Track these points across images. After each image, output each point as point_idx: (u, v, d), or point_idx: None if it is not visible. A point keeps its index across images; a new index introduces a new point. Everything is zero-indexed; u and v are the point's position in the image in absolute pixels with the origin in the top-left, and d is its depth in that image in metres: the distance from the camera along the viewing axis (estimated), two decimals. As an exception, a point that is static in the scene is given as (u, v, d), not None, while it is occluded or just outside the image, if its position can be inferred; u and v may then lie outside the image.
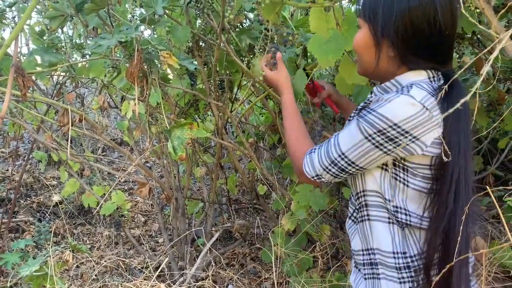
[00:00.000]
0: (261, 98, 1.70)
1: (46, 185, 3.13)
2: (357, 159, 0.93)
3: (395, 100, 0.85)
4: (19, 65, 0.89)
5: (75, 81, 2.07)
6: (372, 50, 0.95)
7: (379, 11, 0.91)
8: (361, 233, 1.03)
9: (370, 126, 0.88)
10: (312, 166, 1.01)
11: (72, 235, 2.73)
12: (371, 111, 0.88)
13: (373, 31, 0.93)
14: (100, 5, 1.14)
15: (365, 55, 0.97)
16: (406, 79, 0.93)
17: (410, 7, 0.88)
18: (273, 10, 1.24)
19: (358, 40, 0.97)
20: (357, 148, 0.92)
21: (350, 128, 0.93)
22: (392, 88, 0.95)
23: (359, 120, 0.90)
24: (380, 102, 0.88)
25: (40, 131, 2.31)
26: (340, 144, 0.95)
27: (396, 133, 0.86)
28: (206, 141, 2.72)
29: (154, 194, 2.16)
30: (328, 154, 0.98)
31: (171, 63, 1.10)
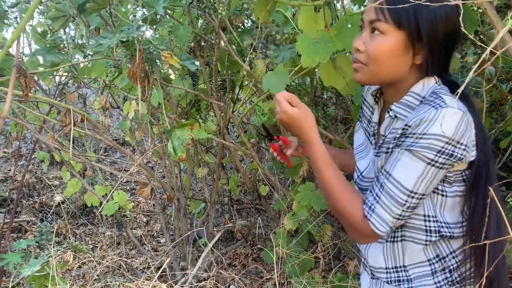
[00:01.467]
0: (263, 98, 1.70)
1: (48, 185, 3.14)
2: (425, 190, 0.87)
3: (441, 116, 0.82)
4: (21, 65, 0.89)
5: (77, 81, 2.08)
6: (399, 58, 0.90)
7: (422, 15, 0.86)
8: (388, 252, 1.00)
9: (428, 150, 0.83)
10: (384, 223, 0.89)
11: (74, 235, 2.73)
12: (422, 136, 0.84)
13: (412, 37, 0.87)
14: (101, 4, 1.15)
15: (388, 63, 0.90)
16: (421, 88, 0.92)
17: (447, 12, 0.86)
18: (264, 8, 1.23)
19: (384, 48, 0.89)
20: (424, 179, 0.86)
21: (402, 162, 0.86)
22: (414, 101, 0.92)
23: (411, 150, 0.85)
24: (424, 124, 0.83)
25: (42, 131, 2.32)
26: (403, 183, 0.87)
27: (452, 148, 0.84)
28: (208, 141, 2.72)
29: (156, 195, 2.16)
30: (395, 201, 0.87)
31: (173, 63, 1.10)
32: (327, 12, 1.16)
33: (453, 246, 0.95)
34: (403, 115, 0.93)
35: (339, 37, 1.18)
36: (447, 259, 0.94)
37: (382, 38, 0.89)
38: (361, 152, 1.11)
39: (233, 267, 2.51)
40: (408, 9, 0.86)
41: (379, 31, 0.89)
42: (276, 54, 1.39)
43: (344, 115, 1.99)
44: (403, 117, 0.93)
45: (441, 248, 0.95)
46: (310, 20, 1.16)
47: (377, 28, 0.89)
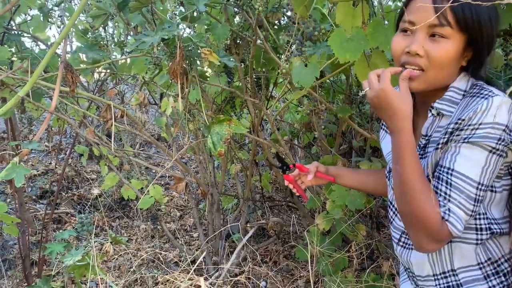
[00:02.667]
0: (297, 96, 1.69)
1: (86, 178, 3.24)
2: (490, 180, 0.84)
3: (494, 105, 0.81)
4: (68, 62, 0.93)
5: (116, 78, 2.13)
6: (457, 62, 0.88)
7: (484, 17, 0.85)
8: (434, 257, 0.96)
9: (488, 139, 0.81)
10: (461, 221, 0.84)
11: (111, 227, 2.81)
12: (479, 126, 0.82)
13: (472, 40, 0.86)
14: (143, 3, 1.17)
15: (449, 68, 0.88)
16: (461, 83, 0.91)
17: (492, 17, 0.86)
18: (302, 2, 1.22)
19: (450, 53, 0.86)
20: (488, 168, 0.83)
21: (462, 155, 0.83)
22: (457, 96, 0.90)
23: (470, 142, 0.83)
24: (479, 114, 0.82)
25: (82, 126, 2.40)
26: (470, 175, 0.83)
27: (509, 136, 0.82)
28: (241, 138, 2.73)
29: (190, 189, 2.20)
30: (467, 196, 0.83)
31: (212, 60, 1.12)
32: (366, 7, 1.14)
33: (504, 247, 0.91)
34: (448, 111, 0.90)
35: (374, 35, 1.17)
36: (499, 262, 0.91)
37: (447, 43, 0.86)
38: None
39: (265, 263, 2.53)
40: (472, 12, 0.84)
41: (443, 36, 0.86)
42: (313, 51, 1.38)
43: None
44: (448, 113, 0.90)
45: (492, 250, 0.92)
46: (348, 15, 1.15)
47: (440, 33, 0.86)
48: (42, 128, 0.87)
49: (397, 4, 1.70)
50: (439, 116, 0.93)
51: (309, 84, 1.27)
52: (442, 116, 0.93)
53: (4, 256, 2.37)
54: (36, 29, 2.09)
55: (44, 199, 2.94)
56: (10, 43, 1.79)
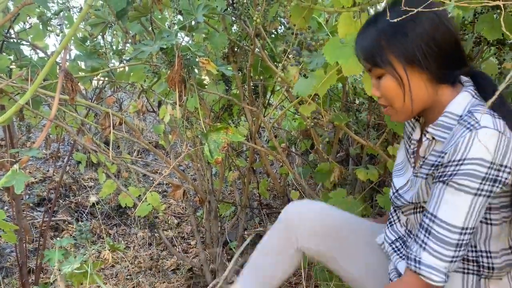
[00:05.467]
0: (295, 103, 1.71)
1: (84, 186, 3.24)
2: (476, 222, 0.82)
3: (477, 139, 0.79)
4: (68, 70, 0.94)
5: (115, 85, 2.15)
6: (412, 86, 0.89)
7: (396, 45, 0.87)
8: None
9: (472, 178, 0.79)
10: (437, 271, 0.83)
11: (108, 235, 2.81)
12: (462, 162, 0.79)
13: (398, 68, 0.88)
14: (143, 12, 1.19)
15: (400, 98, 0.90)
16: (458, 106, 0.89)
17: (423, 27, 0.86)
18: (300, 14, 1.25)
19: (391, 87, 0.90)
20: (473, 212, 0.81)
21: (446, 200, 0.82)
22: (451, 122, 0.88)
23: (453, 183, 0.80)
24: (462, 149, 0.80)
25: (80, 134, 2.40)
26: (452, 223, 0.81)
27: (496, 172, 0.79)
28: (239, 145, 2.74)
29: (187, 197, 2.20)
30: (446, 243, 0.82)
31: (210, 69, 1.13)
32: (364, 18, 1.16)
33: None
34: (441, 137, 0.90)
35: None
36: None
37: (384, 80, 0.90)
38: (400, 170, 1.09)
39: (262, 271, 2.52)
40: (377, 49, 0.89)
41: (379, 75, 0.92)
42: (309, 60, 1.40)
43: (376, 121, 1.97)
44: (441, 139, 0.90)
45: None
46: (351, 27, 1.17)
47: (376, 75, 0.92)
48: (42, 135, 0.88)
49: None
50: (434, 140, 0.93)
51: (307, 94, 1.30)
52: (437, 141, 0.92)
53: (1, 263, 2.37)
54: (35, 37, 2.10)
55: (42, 206, 2.94)
56: (9, 51, 1.80)
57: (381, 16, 0.90)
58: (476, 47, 1.51)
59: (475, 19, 1.45)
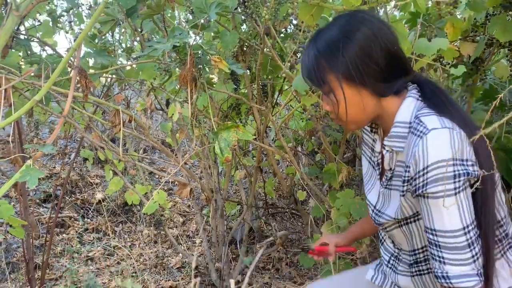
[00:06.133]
0: (307, 102, 1.71)
1: (90, 183, 3.25)
2: (471, 215, 0.82)
3: (430, 143, 0.80)
4: (82, 67, 0.94)
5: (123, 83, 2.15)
6: (355, 101, 0.91)
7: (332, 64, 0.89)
8: (418, 285, 1.00)
9: (443, 181, 0.79)
10: (468, 277, 0.82)
11: (114, 232, 2.82)
12: (426, 171, 0.80)
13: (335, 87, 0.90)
14: (155, 10, 1.19)
15: (353, 110, 0.92)
16: (405, 114, 0.90)
17: (357, 45, 0.87)
18: (308, 12, 1.24)
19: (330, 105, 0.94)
20: (463, 208, 0.81)
21: (434, 211, 0.82)
22: (403, 130, 0.90)
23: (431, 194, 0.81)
24: (420, 158, 0.80)
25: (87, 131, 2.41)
26: (451, 228, 0.81)
27: (462, 167, 0.79)
28: (246, 144, 2.74)
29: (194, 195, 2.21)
30: (459, 249, 0.81)
31: (222, 67, 1.13)
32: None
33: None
34: (398, 147, 0.91)
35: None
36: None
37: (332, 95, 0.92)
38: (368, 182, 1.09)
39: (267, 270, 2.53)
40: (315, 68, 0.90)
41: (325, 93, 0.93)
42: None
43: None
44: (400, 149, 0.91)
45: None
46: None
47: (322, 92, 0.95)
48: (55, 132, 0.88)
49: (402, 14, 1.72)
50: (394, 151, 0.94)
51: (303, 90, 1.30)
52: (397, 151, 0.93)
53: (8, 259, 2.38)
54: (45, 34, 2.11)
55: (48, 202, 2.95)
56: (19, 48, 1.81)
57: (320, 34, 0.91)
58: (488, 48, 1.50)
59: (487, 21, 1.45)
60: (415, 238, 0.95)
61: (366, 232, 1.33)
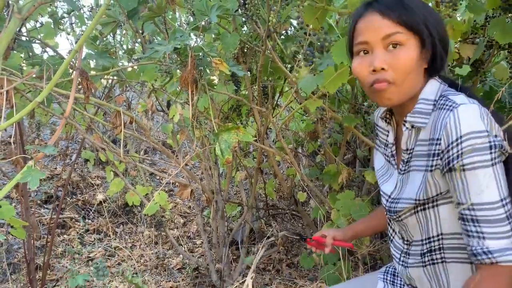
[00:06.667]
0: (303, 105, 1.71)
1: (91, 184, 3.26)
2: (506, 188, 0.81)
3: (461, 116, 0.80)
4: (83, 69, 0.95)
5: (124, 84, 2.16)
6: (418, 66, 0.89)
7: (428, 18, 0.89)
8: (430, 275, 0.97)
9: (479, 152, 0.78)
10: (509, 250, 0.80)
11: (114, 233, 2.82)
12: (460, 141, 0.79)
13: (424, 41, 0.88)
14: (157, 12, 1.20)
15: (413, 74, 0.89)
16: (429, 92, 0.91)
17: (435, 18, 0.90)
18: (314, 15, 1.25)
19: (411, 58, 0.87)
20: (500, 180, 0.80)
21: (471, 184, 0.80)
22: (427, 107, 0.90)
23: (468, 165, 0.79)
24: (452, 131, 0.80)
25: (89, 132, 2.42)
26: (490, 200, 0.80)
27: (494, 138, 0.79)
28: (246, 146, 2.75)
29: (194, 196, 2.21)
30: (497, 221, 0.80)
31: (222, 69, 1.14)
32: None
33: None
34: (421, 123, 0.91)
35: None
36: None
37: (405, 49, 0.87)
38: (383, 175, 1.09)
39: (267, 271, 2.53)
40: (418, 14, 0.88)
41: (399, 43, 0.88)
42: (320, 61, 1.41)
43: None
44: (422, 124, 0.91)
45: None
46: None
47: (396, 41, 0.88)
48: (57, 133, 0.89)
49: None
50: (414, 128, 0.94)
51: (310, 90, 1.31)
52: (419, 129, 0.93)
53: (9, 260, 2.39)
54: (47, 35, 2.12)
55: (49, 203, 2.96)
56: (21, 49, 1.82)
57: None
58: (488, 50, 1.50)
59: (486, 23, 1.45)
60: (431, 225, 0.92)
61: (371, 229, 1.32)
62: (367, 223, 1.33)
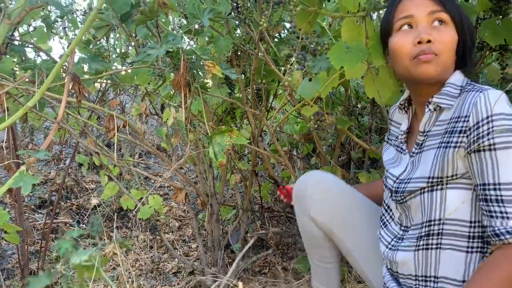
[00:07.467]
0: (297, 107, 1.72)
1: (85, 188, 3.24)
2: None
3: (491, 97, 0.83)
4: (75, 73, 0.95)
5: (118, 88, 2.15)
6: (454, 51, 0.95)
7: (463, 13, 0.95)
8: (420, 259, 0.96)
9: (510, 132, 0.81)
10: None
11: (109, 237, 2.81)
12: (491, 119, 0.82)
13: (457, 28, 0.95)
14: (149, 16, 1.20)
15: (452, 56, 0.95)
16: (457, 79, 0.96)
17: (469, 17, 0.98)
18: (306, 19, 1.25)
19: (454, 36, 0.93)
20: None
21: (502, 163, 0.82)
22: (454, 91, 0.94)
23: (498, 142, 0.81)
24: (482, 109, 0.83)
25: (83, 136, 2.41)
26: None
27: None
28: (241, 149, 2.75)
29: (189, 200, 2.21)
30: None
31: (215, 72, 1.14)
32: (370, 23, 1.17)
33: None
34: (447, 104, 0.93)
35: (376, 47, 1.19)
36: None
37: (448, 27, 0.94)
38: (391, 164, 1.11)
39: (263, 274, 2.52)
40: (457, 5, 0.94)
41: (443, 21, 0.94)
42: (313, 64, 1.41)
43: (378, 125, 1.98)
44: (448, 105, 0.93)
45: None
46: (354, 32, 1.18)
47: (441, 18, 0.93)
48: (49, 138, 0.89)
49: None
50: (436, 111, 0.97)
51: (310, 96, 1.30)
52: (441, 111, 0.96)
53: (3, 265, 2.37)
54: (40, 40, 2.11)
55: (43, 208, 2.94)
56: (14, 54, 1.81)
57: None
58: (479, 52, 1.52)
59: (477, 25, 1.46)
60: (434, 208, 0.92)
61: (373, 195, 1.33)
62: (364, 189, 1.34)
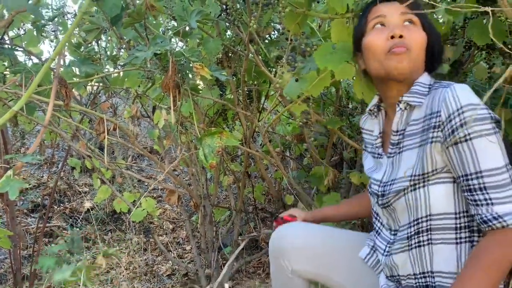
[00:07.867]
0: (288, 108, 1.72)
1: (78, 191, 3.23)
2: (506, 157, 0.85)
3: (457, 90, 0.86)
4: (62, 77, 0.95)
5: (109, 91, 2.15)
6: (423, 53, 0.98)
7: (429, 19, 1.00)
8: (414, 258, 0.98)
9: (482, 121, 0.83)
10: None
11: (103, 241, 2.80)
12: (461, 111, 0.84)
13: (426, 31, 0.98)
14: (137, 19, 1.20)
15: (422, 55, 0.98)
16: (424, 80, 0.98)
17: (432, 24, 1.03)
18: (294, 20, 1.26)
19: (422, 38, 0.97)
20: (502, 147, 0.84)
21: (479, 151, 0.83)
22: (423, 89, 0.97)
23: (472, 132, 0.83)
24: (452, 103, 0.85)
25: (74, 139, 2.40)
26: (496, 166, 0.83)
27: (489, 110, 0.85)
28: (234, 150, 2.75)
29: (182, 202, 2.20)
30: (504, 186, 0.82)
31: (204, 74, 1.14)
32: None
33: None
34: (417, 102, 0.96)
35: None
36: None
37: (418, 28, 0.98)
38: (374, 170, 1.12)
39: (258, 275, 2.53)
40: (425, 14, 0.99)
41: (413, 22, 0.98)
42: (303, 66, 1.42)
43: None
44: (418, 103, 0.96)
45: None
46: (343, 33, 1.19)
47: (411, 19, 0.98)
48: (37, 141, 0.89)
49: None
50: (407, 110, 0.99)
51: (295, 95, 1.31)
52: (412, 110, 0.98)
53: (-5, 270, 2.36)
54: (30, 43, 2.10)
55: (36, 212, 2.93)
56: (4, 57, 1.80)
57: None
58: (467, 51, 1.53)
59: (465, 24, 1.47)
60: (420, 206, 0.93)
61: (342, 216, 1.34)
62: (338, 210, 1.35)
